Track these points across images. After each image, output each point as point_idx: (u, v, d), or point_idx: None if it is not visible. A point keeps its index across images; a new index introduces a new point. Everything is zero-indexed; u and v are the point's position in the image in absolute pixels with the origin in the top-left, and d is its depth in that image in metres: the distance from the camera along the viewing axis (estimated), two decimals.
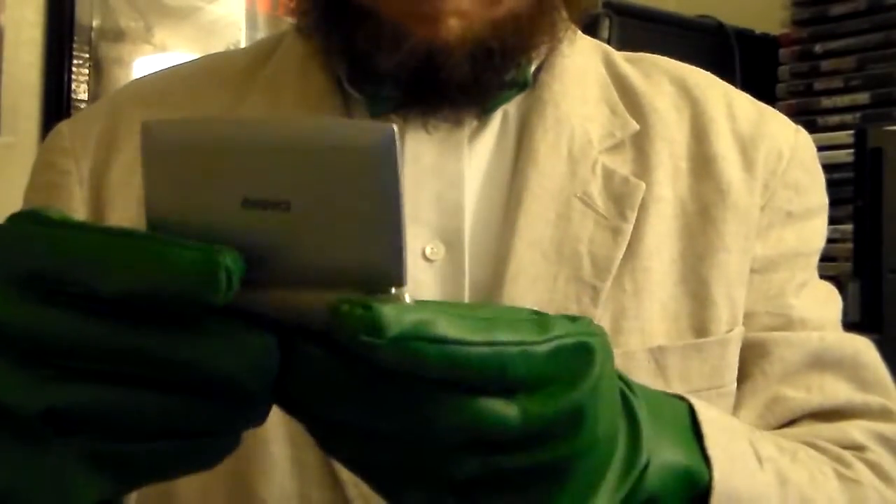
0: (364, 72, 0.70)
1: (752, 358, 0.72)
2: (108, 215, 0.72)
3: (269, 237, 0.42)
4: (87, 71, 1.92)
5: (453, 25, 0.66)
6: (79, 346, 0.42)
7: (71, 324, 0.42)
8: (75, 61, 1.91)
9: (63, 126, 0.78)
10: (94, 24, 1.93)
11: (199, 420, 0.43)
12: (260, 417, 0.44)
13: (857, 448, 0.70)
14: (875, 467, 0.69)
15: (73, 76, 1.90)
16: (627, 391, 0.50)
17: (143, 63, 1.97)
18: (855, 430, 0.71)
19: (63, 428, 0.42)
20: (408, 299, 0.42)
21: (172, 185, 0.42)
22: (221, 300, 0.40)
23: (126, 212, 0.72)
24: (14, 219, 0.44)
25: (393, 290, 0.42)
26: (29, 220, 0.43)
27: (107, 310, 0.41)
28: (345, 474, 0.64)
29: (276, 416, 0.63)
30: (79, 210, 0.73)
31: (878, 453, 0.70)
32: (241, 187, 0.41)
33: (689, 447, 0.54)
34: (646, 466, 0.49)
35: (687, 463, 0.53)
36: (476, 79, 0.68)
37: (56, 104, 1.88)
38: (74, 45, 1.91)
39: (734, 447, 0.57)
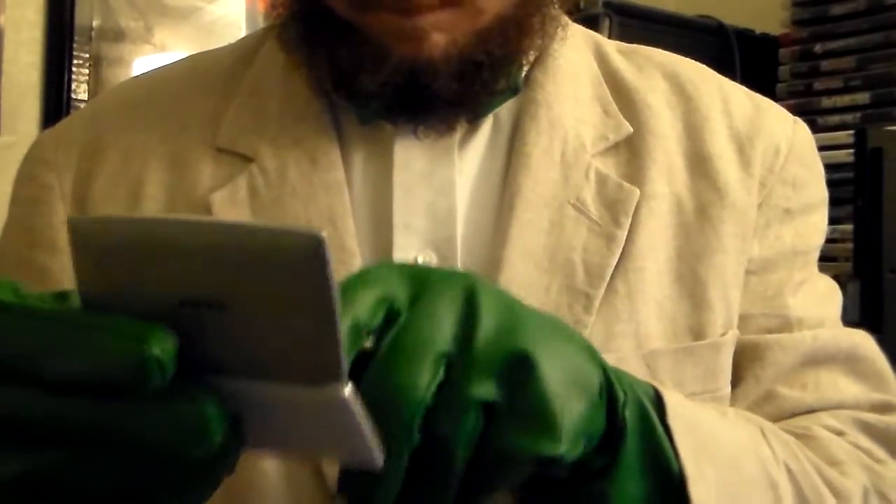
0: (349, 88, 0.68)
1: (745, 362, 0.71)
2: None
3: (205, 332, 0.42)
4: (87, 71, 1.92)
5: (437, 41, 0.65)
6: (24, 419, 0.43)
7: (11, 399, 0.43)
8: (75, 61, 1.91)
9: (45, 136, 0.76)
10: (94, 24, 1.93)
11: (157, 480, 0.43)
12: (225, 469, 0.44)
13: (834, 434, 0.69)
14: (853, 447, 0.69)
15: (73, 76, 1.91)
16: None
17: (143, 63, 1.97)
18: (831, 418, 0.70)
19: (36, 492, 0.43)
20: (347, 393, 0.42)
21: (105, 282, 0.43)
22: (155, 388, 0.41)
23: None
24: None
25: (332, 386, 0.42)
26: None
27: (45, 384, 0.43)
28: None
29: None
30: (61, 227, 0.71)
31: (857, 437, 0.69)
32: (174, 287, 0.42)
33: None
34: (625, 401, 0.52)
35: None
36: (465, 93, 0.67)
37: (56, 104, 1.88)
38: (74, 45, 1.91)
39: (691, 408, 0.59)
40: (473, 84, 0.67)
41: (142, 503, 0.44)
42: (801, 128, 0.77)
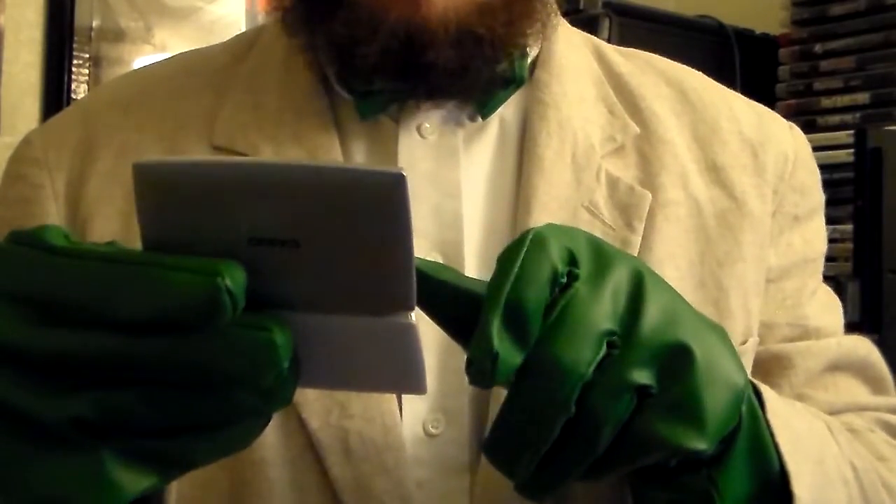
0: (350, 66, 0.67)
1: (776, 370, 0.72)
2: (88, 230, 0.69)
3: (272, 268, 0.43)
4: (87, 71, 1.92)
5: (435, 3, 0.63)
6: (91, 360, 0.43)
7: (80, 342, 0.43)
8: (75, 61, 1.91)
9: (33, 135, 0.75)
10: (94, 24, 1.93)
11: (219, 413, 0.44)
12: (283, 401, 0.45)
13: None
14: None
15: (73, 76, 1.90)
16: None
17: (143, 63, 1.96)
18: (858, 419, 0.71)
19: (93, 431, 0.44)
20: (413, 319, 0.43)
21: (170, 225, 0.43)
22: (227, 321, 0.42)
23: (108, 226, 0.68)
24: (13, 240, 0.45)
25: (401, 315, 0.43)
26: (28, 244, 0.44)
27: (115, 325, 0.43)
28: (346, 495, 0.62)
29: (274, 438, 0.62)
30: None
31: (885, 437, 0.70)
32: (243, 227, 0.42)
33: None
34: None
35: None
36: (465, 66, 0.65)
37: (56, 104, 1.88)
38: (74, 45, 1.91)
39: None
40: (472, 56, 0.65)
41: (197, 436, 0.45)
42: (798, 132, 0.77)
